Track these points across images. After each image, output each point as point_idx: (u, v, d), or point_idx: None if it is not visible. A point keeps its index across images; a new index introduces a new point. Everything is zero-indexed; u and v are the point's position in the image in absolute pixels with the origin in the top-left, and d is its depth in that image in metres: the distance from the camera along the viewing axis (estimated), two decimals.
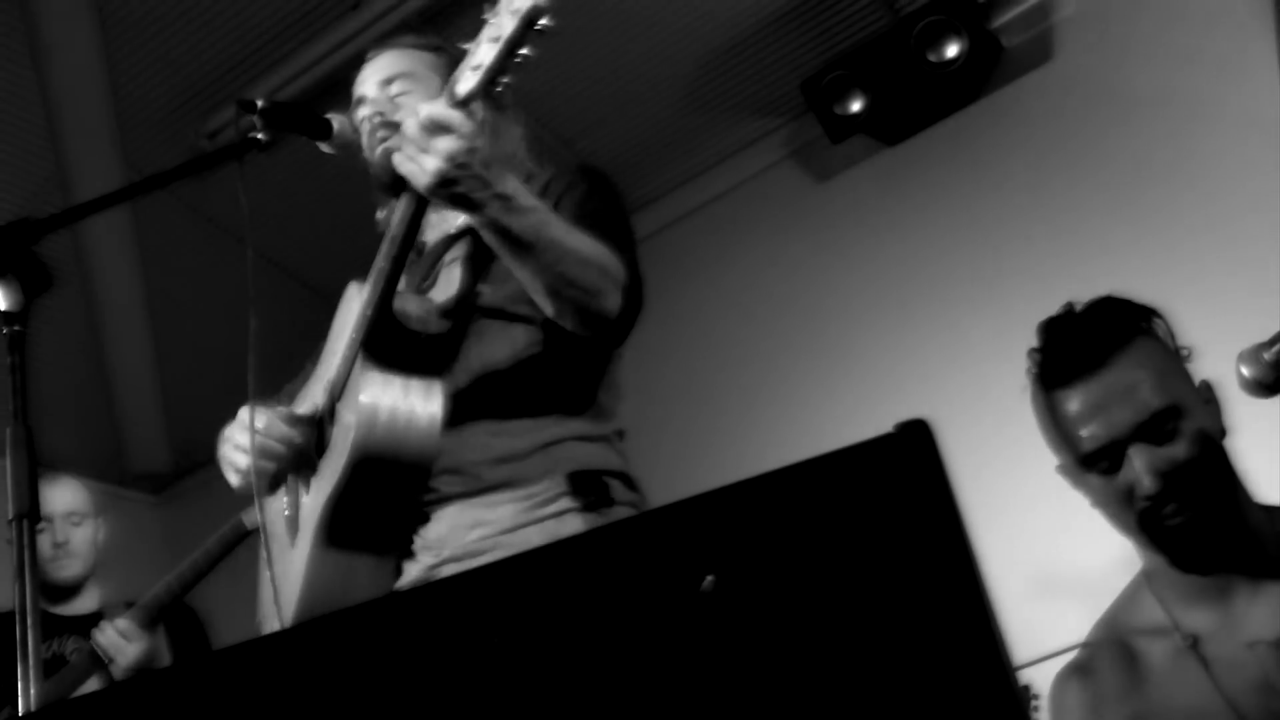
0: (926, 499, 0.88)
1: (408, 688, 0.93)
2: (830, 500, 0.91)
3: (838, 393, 4.48)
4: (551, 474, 2.05)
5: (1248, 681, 1.93)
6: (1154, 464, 1.93)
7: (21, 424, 1.77)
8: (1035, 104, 4.48)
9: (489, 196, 1.89)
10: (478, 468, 2.06)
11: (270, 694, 0.96)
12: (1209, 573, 1.97)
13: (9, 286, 1.81)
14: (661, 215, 5.00)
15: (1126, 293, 2.11)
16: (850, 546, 0.90)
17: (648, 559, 0.92)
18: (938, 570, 0.86)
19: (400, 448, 2.00)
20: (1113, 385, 1.97)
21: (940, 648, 0.88)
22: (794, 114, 4.91)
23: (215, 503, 4.99)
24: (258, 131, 2.17)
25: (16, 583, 1.67)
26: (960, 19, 4.38)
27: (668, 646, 0.89)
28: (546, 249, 1.95)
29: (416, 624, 0.94)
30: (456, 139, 1.86)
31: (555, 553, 1.02)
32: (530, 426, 2.10)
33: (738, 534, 0.91)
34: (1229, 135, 3.86)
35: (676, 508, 0.91)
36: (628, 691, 0.90)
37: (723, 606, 0.88)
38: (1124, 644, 2.08)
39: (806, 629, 0.89)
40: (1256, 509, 2.00)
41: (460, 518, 2.05)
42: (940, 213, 4.54)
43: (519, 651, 0.90)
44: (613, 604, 0.91)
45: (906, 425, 0.92)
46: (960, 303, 4.36)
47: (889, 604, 0.88)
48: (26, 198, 4.60)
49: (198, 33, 4.29)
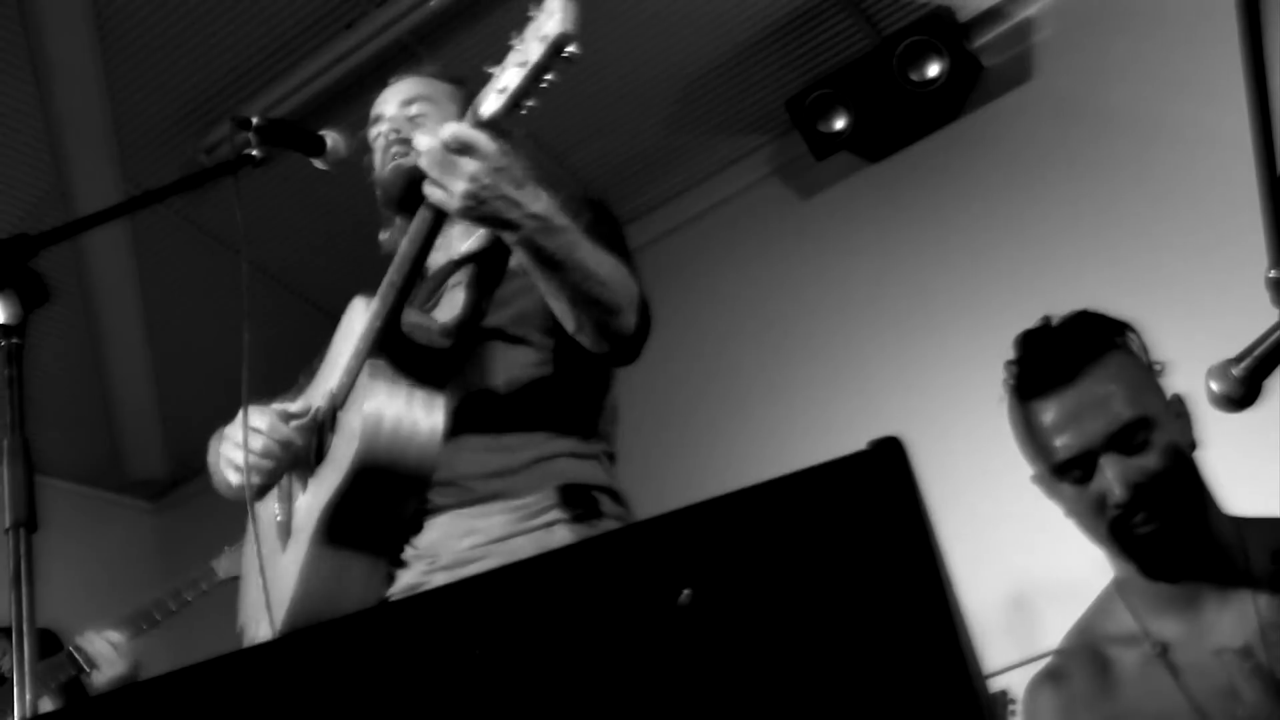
0: (898, 515, 0.89)
1: (393, 697, 0.93)
2: (804, 515, 0.91)
3: (821, 404, 4.48)
4: (542, 487, 2.07)
5: (1214, 688, 1.93)
6: (1125, 474, 1.94)
7: (19, 434, 1.76)
8: (1014, 122, 4.49)
9: (522, 216, 1.90)
10: (471, 480, 2.07)
11: (257, 704, 0.96)
12: (1177, 580, 1.98)
13: (7, 300, 1.81)
14: (648, 230, 5.00)
15: (1101, 308, 2.12)
16: (822, 560, 0.90)
17: (626, 572, 0.92)
18: (906, 585, 0.87)
19: (401, 457, 2.00)
20: (1086, 397, 1.98)
21: (907, 661, 0.88)
22: (779, 132, 4.92)
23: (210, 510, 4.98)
24: (253, 148, 2.18)
25: (13, 591, 1.67)
26: (941, 39, 4.40)
27: (645, 657, 0.90)
28: (575, 268, 1.96)
29: (401, 635, 0.94)
30: (481, 159, 1.86)
31: (535, 566, 1.02)
32: (524, 442, 2.11)
33: (714, 548, 0.92)
34: (1201, 155, 3.88)
35: (654, 522, 0.92)
36: (605, 700, 0.90)
37: (699, 619, 0.89)
38: (1096, 651, 2.08)
39: (779, 641, 0.90)
40: (1225, 520, 2.01)
41: (453, 527, 2.06)
42: (921, 228, 4.55)
43: (500, 662, 0.90)
44: (592, 615, 0.91)
45: (880, 442, 0.93)
46: (940, 315, 4.37)
47: (858, 617, 0.88)
48: (27, 211, 4.60)
49: (195, 51, 4.30)
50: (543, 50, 1.83)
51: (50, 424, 5.16)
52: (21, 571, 1.68)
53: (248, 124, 2.19)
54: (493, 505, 2.05)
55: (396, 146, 2.31)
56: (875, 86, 4.51)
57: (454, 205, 1.88)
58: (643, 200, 5.10)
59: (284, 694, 0.95)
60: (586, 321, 2.02)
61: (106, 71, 4.36)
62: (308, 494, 2.14)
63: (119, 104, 4.47)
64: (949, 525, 0.96)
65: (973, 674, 0.87)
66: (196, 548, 3.65)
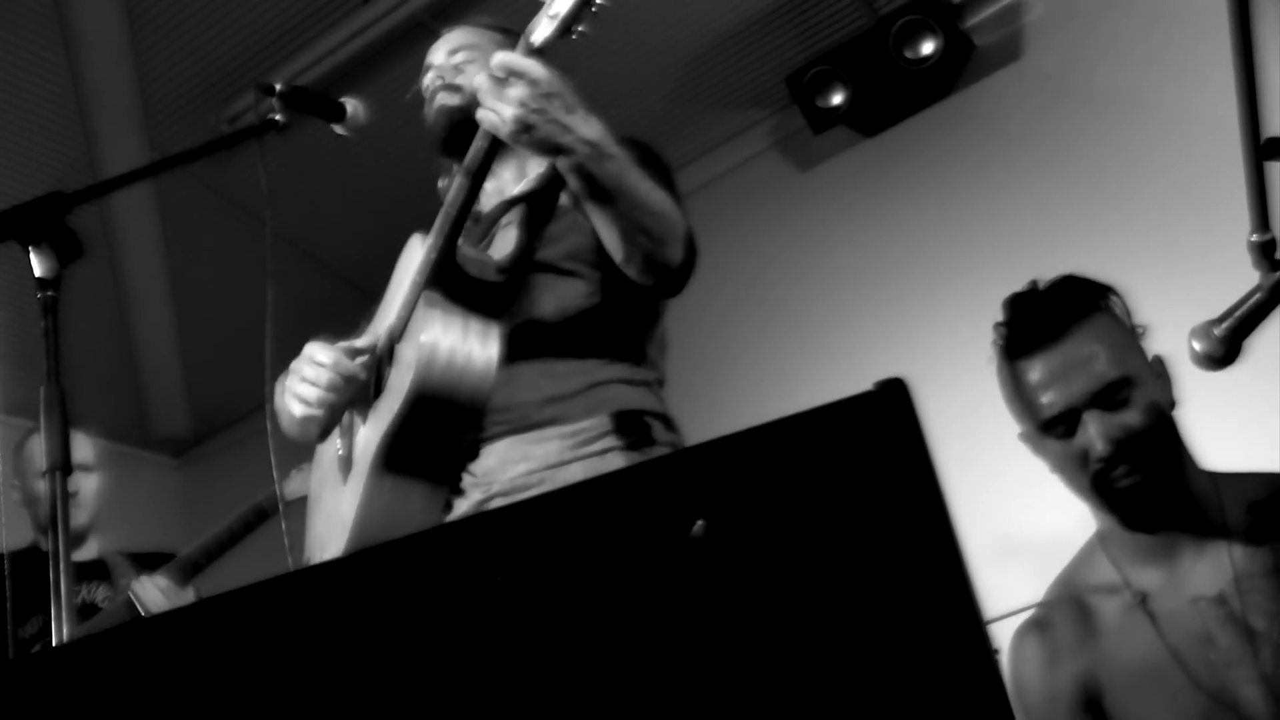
0: (904, 450, 0.89)
1: (422, 622, 0.94)
2: (814, 452, 0.92)
3: (818, 368, 4.48)
4: (596, 413, 2.01)
5: (1190, 634, 1.95)
6: (1107, 430, 1.94)
7: (55, 383, 1.77)
8: (1004, 99, 4.49)
9: (574, 141, 1.85)
10: (526, 407, 2.02)
11: (291, 629, 0.96)
12: (1155, 531, 1.99)
13: (44, 254, 1.81)
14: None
15: (1087, 273, 2.12)
16: (832, 495, 0.91)
17: (642, 505, 0.92)
18: (914, 516, 0.87)
19: (457, 388, 1.96)
20: (1071, 356, 1.98)
21: (914, 592, 0.89)
22: (779, 106, 4.91)
23: (233, 467, 5.01)
24: (275, 114, 2.17)
25: (50, 530, 1.68)
26: (936, 19, 4.40)
27: (660, 586, 0.90)
28: (626, 196, 1.91)
29: (426, 562, 0.95)
30: (531, 84, 1.81)
31: (555, 499, 1.03)
32: (577, 368, 2.06)
33: (727, 483, 0.92)
34: (1184, 130, 3.88)
35: (669, 459, 0.92)
36: (622, 625, 0.91)
37: (711, 550, 0.89)
38: (1079, 601, 2.09)
39: (789, 573, 0.90)
40: (1201, 475, 2.02)
41: (509, 453, 2.00)
42: (915, 199, 4.55)
43: (520, 589, 0.91)
44: (610, 545, 0.92)
45: (885, 383, 0.93)
46: (933, 282, 4.37)
47: (867, 547, 0.89)
48: (58, 178, 4.59)
49: (220, 24, 4.29)
50: None
51: (80, 382, 5.16)
52: (59, 511, 1.69)
53: (271, 90, 2.19)
54: (548, 431, 2.00)
55: (443, 92, 2.28)
56: (872, 64, 4.51)
57: (506, 130, 1.83)
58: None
59: (322, 619, 0.95)
60: (635, 252, 1.97)
61: (134, 44, 4.36)
62: (367, 427, 2.11)
63: (145, 76, 4.46)
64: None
65: (978, 609, 0.87)
66: (219, 503, 3.66)
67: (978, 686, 0.83)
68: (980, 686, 0.83)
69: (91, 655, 0.99)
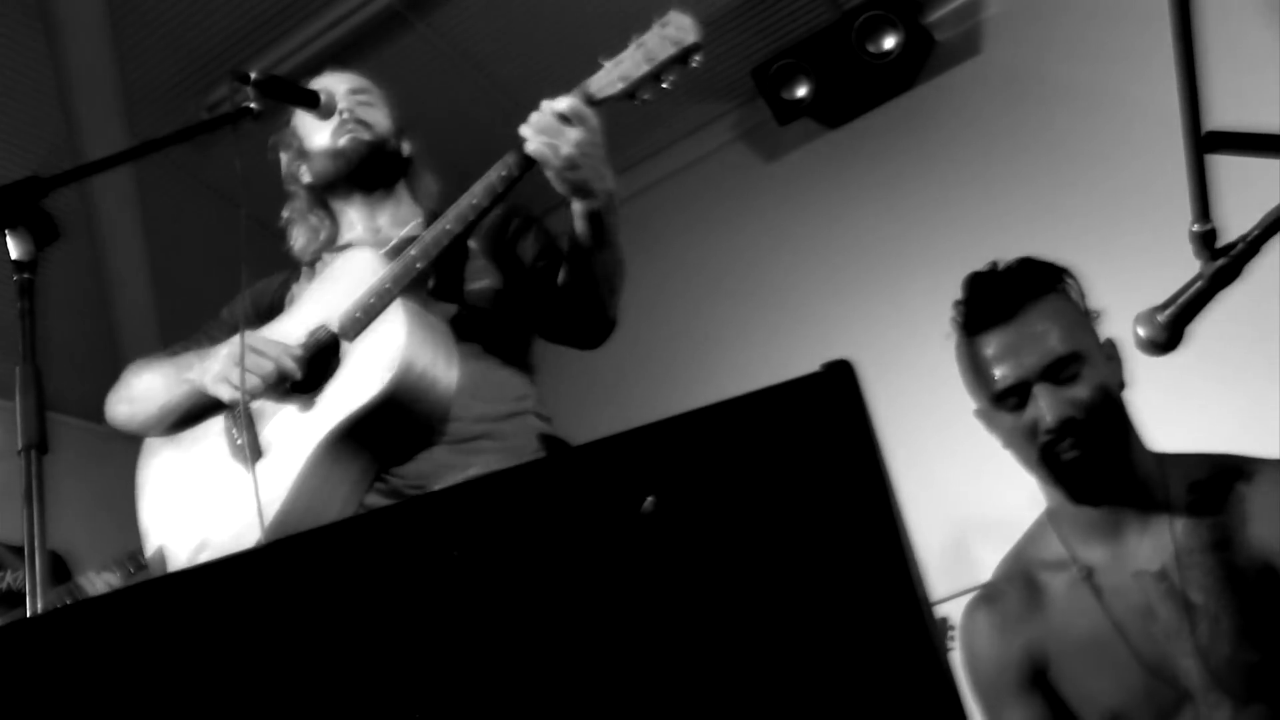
0: (849, 430, 0.90)
1: (379, 596, 0.94)
2: (761, 431, 0.92)
3: (781, 352, 4.49)
4: (524, 435, 2.14)
5: (1132, 608, 1.97)
6: (1055, 403, 1.96)
7: (30, 364, 1.75)
8: (964, 93, 4.50)
9: (602, 189, 2.03)
10: (461, 422, 2.09)
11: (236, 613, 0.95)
12: (1099, 504, 2.00)
13: (20, 237, 1.80)
14: (619, 191, 4.98)
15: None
16: (777, 472, 0.91)
17: (594, 483, 0.93)
18: (855, 493, 0.88)
19: (418, 402, 2.04)
20: (1024, 331, 2.00)
21: (856, 572, 0.89)
22: (744, 99, 4.91)
23: None
24: (251, 101, 2.16)
25: (25, 509, 1.67)
26: (897, 14, 4.41)
27: (611, 560, 0.91)
28: (614, 250, 2.10)
29: (384, 538, 0.95)
30: (589, 130, 1.99)
31: (510, 476, 1.03)
32: (501, 395, 2.16)
33: (676, 461, 0.93)
34: (1134, 122, 3.90)
35: (621, 437, 0.92)
36: (576, 595, 0.91)
37: (661, 526, 0.90)
38: (1028, 575, 2.11)
39: (734, 548, 0.91)
40: (1147, 454, 2.04)
41: (447, 459, 2.07)
42: (877, 189, 4.57)
43: (477, 562, 0.91)
44: (563, 521, 0.92)
45: (832, 365, 0.93)
46: (895, 269, 4.39)
47: (809, 524, 0.89)
48: (38, 164, 4.54)
49: (200, 12, 4.25)
50: (672, 52, 1.98)
51: (58, 362, 5.11)
52: (33, 491, 1.68)
53: (246, 78, 2.17)
54: (483, 443, 2.09)
55: (353, 125, 2.34)
56: (835, 57, 4.51)
57: (556, 163, 1.97)
58: (614, 163, 5.06)
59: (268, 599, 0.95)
60: (602, 299, 2.12)
61: (115, 30, 4.31)
62: (301, 414, 2.11)
63: (126, 63, 4.42)
64: (896, 462, 0.96)
65: (917, 584, 0.87)
66: None
67: (914, 660, 0.83)
68: (917, 661, 0.83)
69: (39, 636, 0.98)
